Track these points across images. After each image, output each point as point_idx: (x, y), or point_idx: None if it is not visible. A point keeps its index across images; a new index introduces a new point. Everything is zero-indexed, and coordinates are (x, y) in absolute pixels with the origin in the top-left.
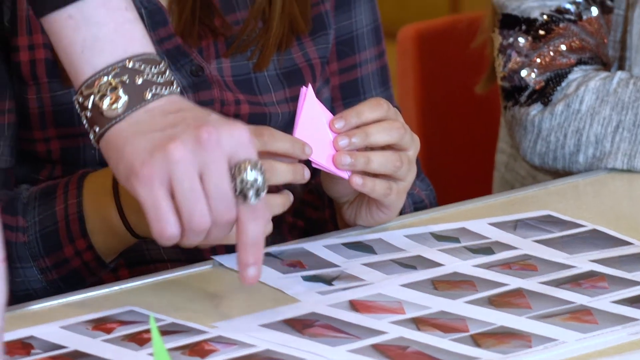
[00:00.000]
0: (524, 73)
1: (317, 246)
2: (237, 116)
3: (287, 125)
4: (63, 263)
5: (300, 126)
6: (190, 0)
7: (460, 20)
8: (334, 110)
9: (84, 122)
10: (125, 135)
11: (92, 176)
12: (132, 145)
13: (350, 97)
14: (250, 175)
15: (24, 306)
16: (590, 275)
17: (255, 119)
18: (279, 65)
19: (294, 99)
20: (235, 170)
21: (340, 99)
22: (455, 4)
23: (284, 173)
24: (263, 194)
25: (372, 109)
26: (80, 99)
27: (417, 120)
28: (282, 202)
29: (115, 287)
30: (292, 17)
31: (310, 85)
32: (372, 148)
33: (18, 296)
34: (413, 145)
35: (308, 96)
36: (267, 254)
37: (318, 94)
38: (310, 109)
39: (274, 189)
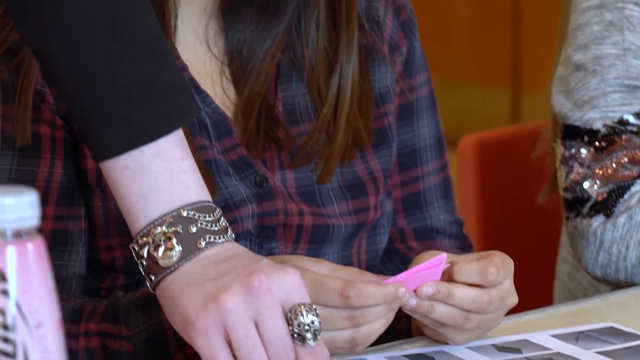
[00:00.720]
0: (586, 185)
1: (378, 358)
2: (300, 227)
3: (350, 236)
4: None
5: (410, 279)
6: (255, 112)
7: (521, 129)
8: (395, 223)
9: (141, 269)
10: (179, 285)
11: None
12: (186, 296)
13: (411, 210)
14: (307, 318)
15: None
16: None
17: (318, 230)
18: (341, 177)
19: (357, 211)
20: (291, 315)
21: (402, 211)
22: (515, 112)
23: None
24: (320, 335)
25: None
26: (137, 248)
27: (478, 230)
28: (380, 326)
29: None
30: (356, 130)
31: (446, 255)
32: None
33: None
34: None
35: (440, 266)
36: None
37: (380, 207)
38: (432, 273)
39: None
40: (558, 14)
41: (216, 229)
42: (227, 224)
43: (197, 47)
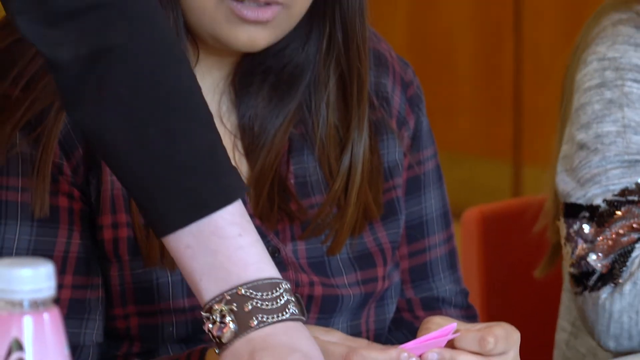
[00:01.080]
0: (590, 258)
1: None
2: (310, 297)
3: (359, 306)
4: None
5: (418, 347)
6: (267, 185)
7: (523, 203)
8: (403, 293)
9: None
10: None
11: (213, 351)
12: None
13: (419, 280)
14: None
15: None
16: None
17: (328, 300)
18: (351, 249)
19: (365, 281)
20: None
21: (409, 281)
22: (517, 185)
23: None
24: None
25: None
26: (204, 320)
27: (481, 300)
28: None
29: None
30: (366, 204)
31: (456, 325)
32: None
33: None
34: None
35: (448, 336)
36: None
37: (388, 278)
38: (439, 342)
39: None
40: (558, 93)
41: (272, 307)
42: (290, 299)
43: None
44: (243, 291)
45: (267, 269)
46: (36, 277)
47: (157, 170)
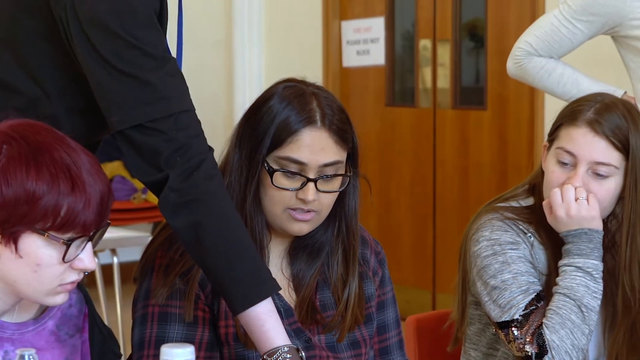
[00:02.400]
0: (526, 348)
1: None
2: None
3: None
4: None
5: None
6: (305, 306)
7: (441, 313)
8: None
9: None
10: None
11: None
12: None
13: (384, 355)
14: None
15: None
16: None
17: None
18: (348, 339)
19: (356, 355)
20: None
21: (378, 355)
22: (434, 299)
23: None
24: None
25: None
26: None
27: None
28: None
29: None
30: (356, 316)
31: None
32: None
33: None
34: None
35: None
36: None
37: (367, 354)
38: None
39: None
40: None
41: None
42: (285, 356)
43: (276, 272)
44: (286, 348)
45: (287, 339)
46: (185, 353)
47: (234, 265)
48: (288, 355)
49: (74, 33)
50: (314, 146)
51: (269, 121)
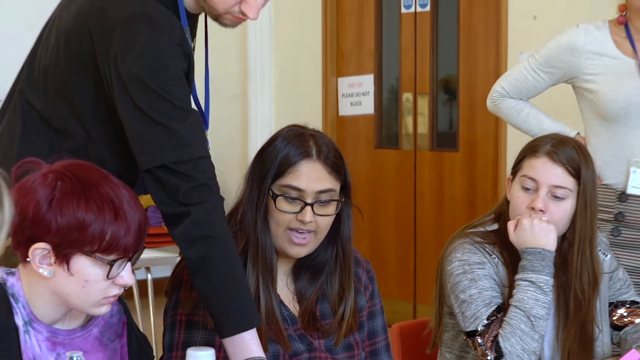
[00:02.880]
0: (488, 357)
1: None
2: None
3: None
4: None
5: None
6: (307, 316)
7: (421, 321)
8: None
9: None
10: None
11: None
12: None
13: (373, 357)
14: None
15: None
16: None
17: None
18: (344, 343)
19: (350, 357)
20: None
21: (369, 357)
22: (415, 310)
23: None
24: None
25: None
26: None
27: None
28: None
29: None
30: (351, 324)
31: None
32: None
33: None
34: None
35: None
36: None
37: (359, 355)
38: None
39: None
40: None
41: None
42: None
43: (282, 287)
44: None
45: (263, 354)
46: (207, 355)
47: (229, 295)
48: None
49: (116, 86)
50: (310, 175)
51: (274, 156)
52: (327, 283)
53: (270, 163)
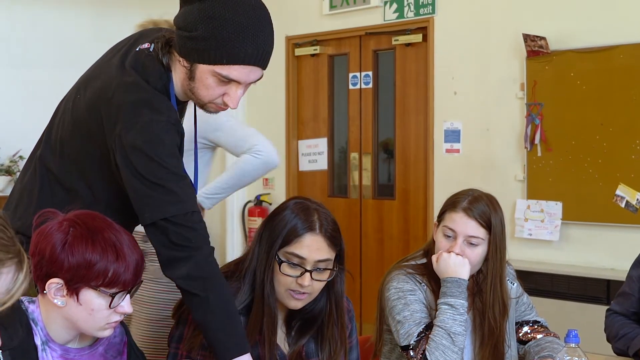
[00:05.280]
0: None
1: None
2: None
3: None
4: None
5: None
6: (295, 355)
7: (366, 337)
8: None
9: None
10: None
11: None
12: None
13: None
14: None
15: None
16: None
17: None
18: None
19: None
20: None
21: None
22: (361, 327)
23: None
24: None
25: None
26: None
27: None
28: None
29: None
30: (342, 353)
31: None
32: None
33: None
34: None
35: None
36: None
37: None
38: None
39: None
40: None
41: None
42: None
43: (279, 331)
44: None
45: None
46: None
47: (225, 330)
48: None
49: (120, 156)
50: (312, 246)
51: (282, 227)
52: (319, 334)
53: (279, 232)
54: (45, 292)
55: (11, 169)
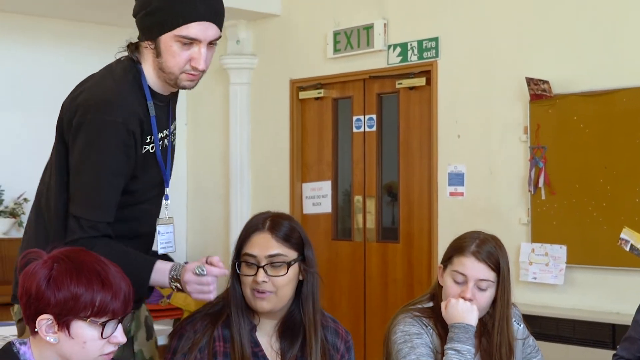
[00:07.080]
0: None
1: None
2: None
3: None
4: None
5: None
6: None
7: None
8: None
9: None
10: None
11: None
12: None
13: None
14: None
15: None
16: None
17: None
18: None
19: None
20: None
21: None
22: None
23: None
24: None
25: None
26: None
27: None
28: None
29: None
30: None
31: None
32: None
33: None
34: None
35: None
36: None
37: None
38: None
39: None
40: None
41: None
42: (178, 268)
43: (267, 346)
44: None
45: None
46: None
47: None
48: (180, 265)
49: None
50: (261, 244)
51: (240, 235)
52: (305, 341)
53: (238, 240)
54: (36, 330)
55: (15, 211)
